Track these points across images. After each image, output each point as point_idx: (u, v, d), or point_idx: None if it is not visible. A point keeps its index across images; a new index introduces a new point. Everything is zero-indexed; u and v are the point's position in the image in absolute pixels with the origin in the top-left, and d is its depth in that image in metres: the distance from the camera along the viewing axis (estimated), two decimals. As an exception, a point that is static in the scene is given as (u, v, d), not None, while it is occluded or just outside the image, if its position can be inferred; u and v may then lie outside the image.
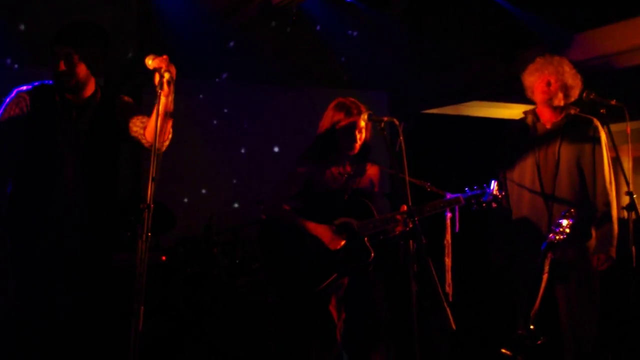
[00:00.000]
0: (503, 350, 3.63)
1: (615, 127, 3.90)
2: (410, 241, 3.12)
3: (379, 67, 7.91)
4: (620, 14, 6.04)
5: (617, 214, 4.02)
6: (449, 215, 3.58)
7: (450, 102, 8.29)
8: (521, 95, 4.27)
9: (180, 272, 5.70)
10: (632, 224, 3.74)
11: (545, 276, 3.62)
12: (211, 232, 6.16)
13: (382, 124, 3.32)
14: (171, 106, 2.89)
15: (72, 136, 3.34)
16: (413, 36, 7.60)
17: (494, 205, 3.58)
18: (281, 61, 7.60)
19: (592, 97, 3.84)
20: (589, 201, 4.00)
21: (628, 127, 3.86)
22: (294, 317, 4.71)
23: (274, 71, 7.63)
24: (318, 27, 7.48)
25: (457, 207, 3.56)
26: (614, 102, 3.87)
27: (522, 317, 3.63)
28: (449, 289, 3.56)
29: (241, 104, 7.71)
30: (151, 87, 2.93)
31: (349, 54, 7.73)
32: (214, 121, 7.63)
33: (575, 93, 4.09)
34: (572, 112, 4.09)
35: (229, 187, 7.59)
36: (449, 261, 3.61)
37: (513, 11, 6.58)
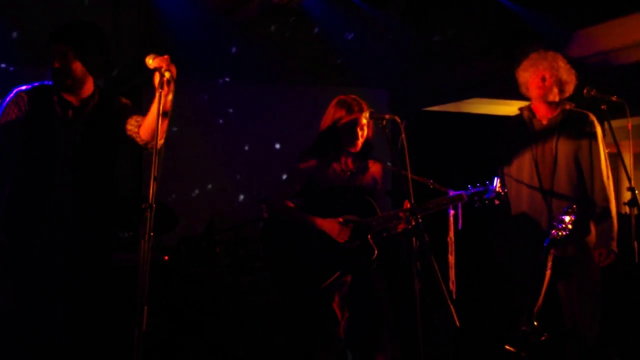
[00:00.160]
0: (507, 346, 3.63)
1: (616, 123, 3.90)
2: (413, 238, 3.12)
3: (379, 65, 7.91)
4: (620, 10, 6.04)
5: (616, 208, 4.02)
6: (452, 212, 3.58)
7: (450, 99, 8.28)
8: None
9: (183, 271, 5.71)
10: (634, 219, 3.74)
11: (549, 272, 3.62)
12: (213, 231, 6.16)
13: (384, 122, 3.33)
14: (169, 106, 2.88)
15: (69, 136, 3.34)
16: (413, 34, 7.60)
17: (496, 202, 3.58)
18: (282, 60, 7.61)
19: (592, 93, 3.83)
20: (587, 196, 4.01)
21: (629, 123, 3.87)
22: (296, 316, 4.71)
23: (275, 70, 7.63)
24: (318, 26, 7.48)
25: (460, 205, 3.56)
26: (614, 99, 3.87)
27: (525, 313, 3.63)
28: (452, 286, 3.56)
29: (243, 102, 7.71)
30: (152, 87, 2.93)
31: (349, 52, 7.73)
32: (216, 120, 7.63)
33: (570, 88, 4.09)
34: (568, 107, 4.09)
35: (231, 186, 7.60)
36: (452, 258, 3.61)
37: (513, 8, 6.58)
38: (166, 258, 5.61)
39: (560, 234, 3.65)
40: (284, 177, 3.84)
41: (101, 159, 3.44)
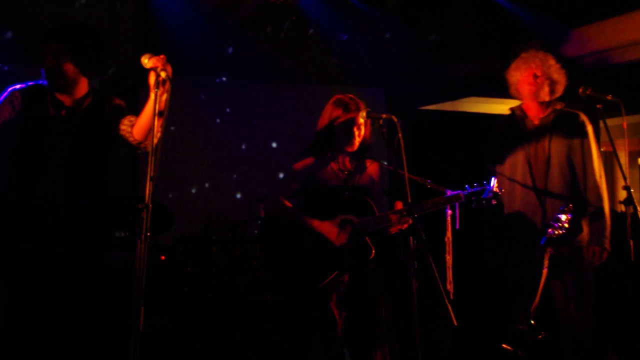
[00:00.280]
0: (504, 345, 3.64)
1: (611, 122, 3.91)
2: (411, 238, 3.12)
3: (376, 64, 7.92)
4: (615, 9, 6.05)
5: (608, 207, 4.03)
6: (450, 212, 3.58)
7: (447, 98, 8.30)
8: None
9: (180, 271, 5.71)
10: (630, 217, 3.75)
11: (545, 271, 3.63)
12: (210, 230, 6.16)
13: (381, 121, 3.33)
14: (163, 105, 2.87)
15: (61, 136, 3.33)
16: (410, 33, 7.60)
17: (493, 202, 3.58)
18: (279, 59, 7.61)
19: (588, 92, 3.84)
20: (580, 195, 4.02)
21: (624, 122, 3.88)
22: (294, 315, 4.72)
23: (272, 69, 7.64)
24: (315, 25, 7.48)
25: (457, 204, 3.56)
26: (610, 98, 3.88)
27: (522, 312, 3.64)
28: (450, 286, 3.56)
29: (240, 101, 7.71)
30: (147, 87, 2.93)
31: (346, 51, 7.73)
32: (213, 119, 7.63)
33: (560, 89, 4.10)
34: (558, 107, 4.10)
35: (228, 185, 7.60)
36: (450, 259, 3.61)
37: (509, 7, 6.59)
38: (163, 258, 5.61)
39: (557, 232, 3.66)
40: (282, 176, 3.83)
41: (94, 160, 3.43)
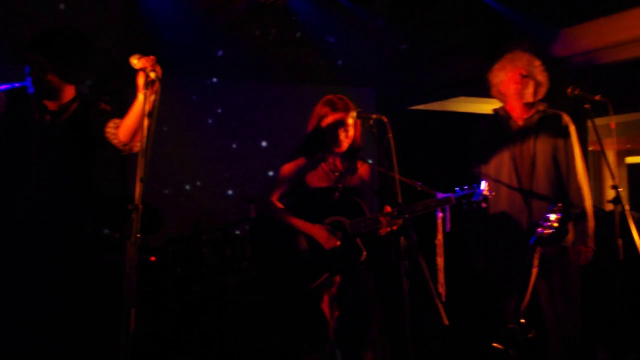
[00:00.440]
0: (495, 344, 3.65)
1: (599, 121, 3.93)
2: (402, 238, 3.12)
3: (366, 64, 7.93)
4: (604, 9, 6.08)
5: (591, 207, 4.05)
6: (440, 215, 3.57)
7: (436, 98, 8.31)
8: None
9: (170, 272, 5.69)
10: (618, 216, 3.77)
11: (535, 270, 3.64)
12: (200, 231, 6.15)
13: (371, 121, 3.33)
14: (151, 106, 2.84)
15: (44, 141, 3.30)
16: (399, 33, 7.62)
17: (483, 205, 3.58)
18: (270, 59, 7.60)
19: (577, 92, 3.85)
20: (566, 195, 4.03)
21: (612, 122, 3.90)
22: (285, 316, 4.71)
23: (263, 69, 7.63)
24: (305, 25, 7.48)
25: (447, 207, 3.55)
26: (598, 98, 3.89)
27: (512, 311, 3.65)
28: (441, 289, 3.56)
29: (231, 102, 7.70)
30: (135, 86, 2.91)
31: (336, 51, 7.74)
32: (204, 120, 7.62)
33: (543, 91, 4.12)
34: (542, 108, 4.12)
35: (218, 185, 7.58)
36: (441, 261, 3.61)
37: (497, 8, 6.61)
38: (153, 259, 5.60)
39: (546, 232, 3.66)
40: (273, 177, 3.82)
41: (79, 164, 3.39)
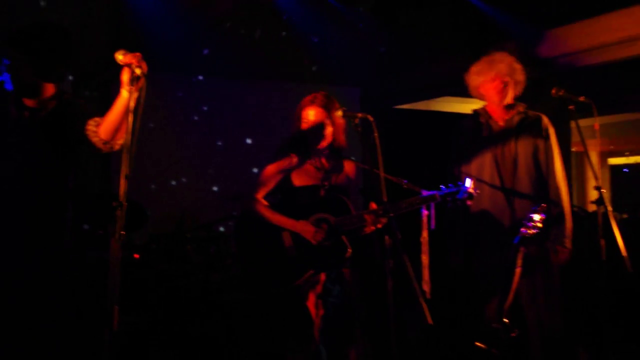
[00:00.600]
0: (478, 343, 3.66)
1: (583, 123, 3.96)
2: (386, 237, 3.12)
3: (351, 63, 7.94)
4: (588, 11, 6.13)
5: (569, 207, 4.07)
6: (425, 212, 3.58)
7: (422, 97, 8.34)
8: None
9: (153, 269, 5.67)
10: (601, 217, 3.79)
11: (519, 270, 3.65)
12: (184, 228, 6.13)
13: (357, 120, 3.33)
14: (135, 103, 2.80)
15: (22, 138, 3.23)
16: (385, 32, 7.63)
17: (469, 202, 3.59)
18: (255, 57, 7.59)
19: (561, 94, 3.87)
20: (547, 195, 4.05)
21: (596, 123, 3.91)
22: (270, 314, 4.70)
23: (248, 67, 7.62)
24: (291, 23, 7.48)
25: (433, 205, 3.56)
26: (582, 99, 3.91)
27: (495, 310, 3.66)
28: (426, 286, 3.57)
29: (216, 99, 7.69)
30: (119, 82, 2.89)
31: (321, 49, 7.74)
32: (189, 117, 7.60)
33: (521, 88, 4.14)
34: (522, 109, 4.14)
35: (203, 182, 7.57)
36: (425, 258, 3.62)
37: (483, 8, 6.64)
38: (137, 256, 5.58)
39: (530, 232, 3.68)
40: (258, 174, 3.81)
41: (57, 162, 3.32)
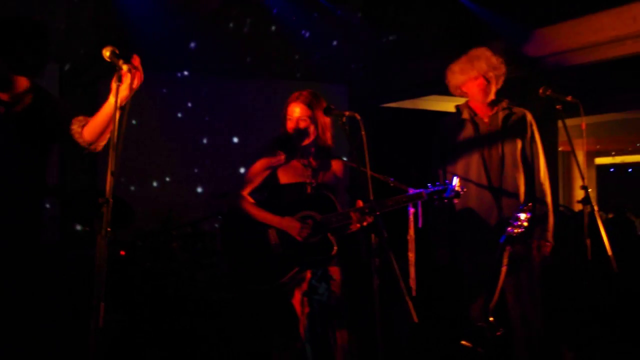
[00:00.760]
0: (463, 342, 3.67)
1: (570, 122, 3.97)
2: (372, 235, 3.12)
3: (339, 61, 7.93)
4: (577, 11, 6.15)
5: (551, 202, 4.09)
6: (412, 210, 3.58)
7: (409, 96, 8.35)
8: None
9: (139, 266, 5.65)
10: (587, 217, 3.80)
11: (504, 269, 3.66)
12: (170, 226, 6.11)
13: (344, 119, 3.32)
14: (124, 101, 2.77)
15: None
16: (372, 30, 7.64)
17: (455, 201, 3.60)
18: (242, 54, 7.58)
19: (548, 93, 3.87)
20: (534, 193, 4.06)
21: (583, 122, 3.92)
22: (255, 311, 4.70)
23: (234, 64, 7.60)
24: (278, 20, 7.47)
25: (419, 203, 3.56)
26: (570, 98, 3.92)
27: (481, 309, 3.67)
28: (412, 283, 3.58)
29: (202, 96, 7.66)
30: (108, 79, 2.86)
31: (308, 47, 7.73)
32: (175, 113, 7.57)
33: (502, 82, 4.14)
34: (505, 105, 4.14)
35: (189, 180, 7.54)
36: (412, 256, 3.62)
37: (471, 6, 6.65)
38: (122, 253, 5.55)
39: (516, 231, 3.69)
40: (243, 171, 3.80)
41: (31, 157, 3.26)
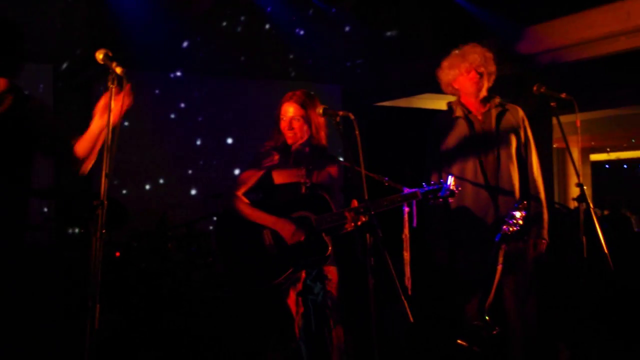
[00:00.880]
0: (459, 341, 3.67)
1: (564, 119, 3.96)
2: (367, 235, 3.11)
3: (332, 61, 7.94)
4: (569, 8, 6.16)
5: (545, 198, 4.08)
6: (407, 209, 3.58)
7: (402, 94, 8.35)
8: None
9: (134, 267, 5.64)
10: (583, 214, 3.80)
11: (500, 267, 3.66)
12: (165, 226, 6.11)
13: (338, 118, 3.31)
14: (115, 123, 2.70)
15: None
16: (366, 30, 7.64)
17: (450, 200, 3.59)
18: (235, 54, 7.57)
19: (542, 90, 3.86)
20: (528, 190, 4.06)
21: (577, 120, 3.92)
22: (250, 312, 4.69)
23: (228, 64, 7.60)
24: (272, 21, 7.46)
25: (414, 202, 3.56)
26: (564, 96, 3.91)
27: (477, 308, 3.67)
28: (407, 282, 3.57)
29: (195, 96, 7.65)
30: (102, 80, 2.84)
31: (302, 47, 7.73)
32: (168, 114, 7.56)
33: (493, 79, 4.13)
34: (497, 101, 4.13)
35: (183, 180, 7.54)
36: (407, 255, 3.62)
37: (464, 5, 6.65)
38: (118, 254, 5.54)
39: (511, 229, 3.69)
40: (237, 172, 3.80)
41: (12, 159, 3.19)
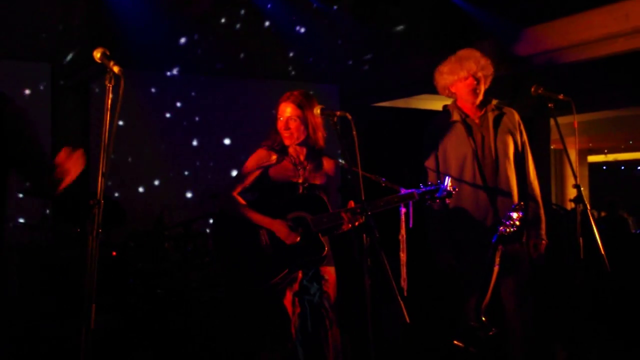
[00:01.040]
0: (456, 342, 3.67)
1: (561, 120, 3.96)
2: (364, 235, 3.11)
3: (330, 61, 7.93)
4: (567, 9, 6.16)
5: (542, 200, 4.09)
6: (404, 210, 3.57)
7: (400, 95, 8.35)
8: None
9: (131, 267, 5.63)
10: (580, 215, 3.80)
11: (497, 268, 3.66)
12: (162, 226, 6.10)
13: (335, 119, 3.31)
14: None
15: None
16: (364, 30, 7.64)
17: (447, 201, 3.59)
18: (232, 53, 7.56)
19: (540, 92, 3.86)
20: (526, 191, 4.07)
21: (575, 121, 3.92)
22: (246, 312, 4.68)
23: (225, 63, 7.59)
24: (270, 20, 7.45)
25: (411, 203, 3.55)
26: (561, 97, 3.91)
27: (474, 309, 3.67)
28: (404, 283, 3.57)
29: (192, 96, 7.64)
30: (100, 80, 2.83)
31: (300, 47, 7.73)
32: (164, 114, 7.55)
33: (490, 82, 4.13)
34: (494, 105, 4.13)
35: (179, 180, 7.53)
36: (403, 256, 3.61)
37: (462, 5, 6.66)
38: (114, 254, 5.54)
39: (508, 230, 3.69)
40: (234, 172, 3.79)
41: None
